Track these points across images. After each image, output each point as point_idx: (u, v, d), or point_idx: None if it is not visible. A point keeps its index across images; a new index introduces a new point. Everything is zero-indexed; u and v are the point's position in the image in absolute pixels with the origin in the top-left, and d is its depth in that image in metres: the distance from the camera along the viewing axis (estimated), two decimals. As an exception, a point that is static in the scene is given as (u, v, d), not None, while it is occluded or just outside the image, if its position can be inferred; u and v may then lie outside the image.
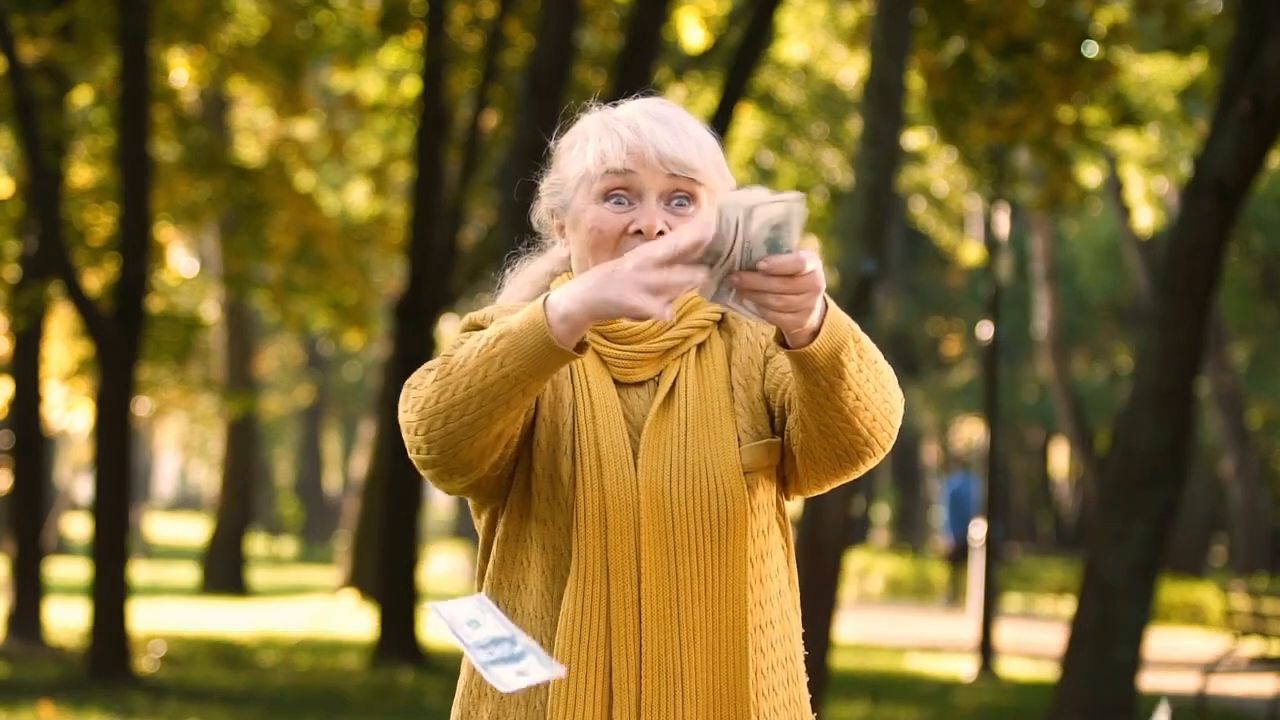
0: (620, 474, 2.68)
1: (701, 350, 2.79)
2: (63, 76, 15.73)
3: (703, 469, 2.69)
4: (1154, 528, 10.75)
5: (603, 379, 2.75)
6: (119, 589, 13.88)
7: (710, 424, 2.72)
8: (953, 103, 13.88)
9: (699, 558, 2.66)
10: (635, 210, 2.76)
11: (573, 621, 2.66)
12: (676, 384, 2.75)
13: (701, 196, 2.78)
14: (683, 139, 2.78)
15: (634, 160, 2.76)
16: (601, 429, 2.70)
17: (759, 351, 2.81)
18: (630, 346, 2.76)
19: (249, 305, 26.54)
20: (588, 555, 2.66)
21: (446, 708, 12.99)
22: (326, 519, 48.37)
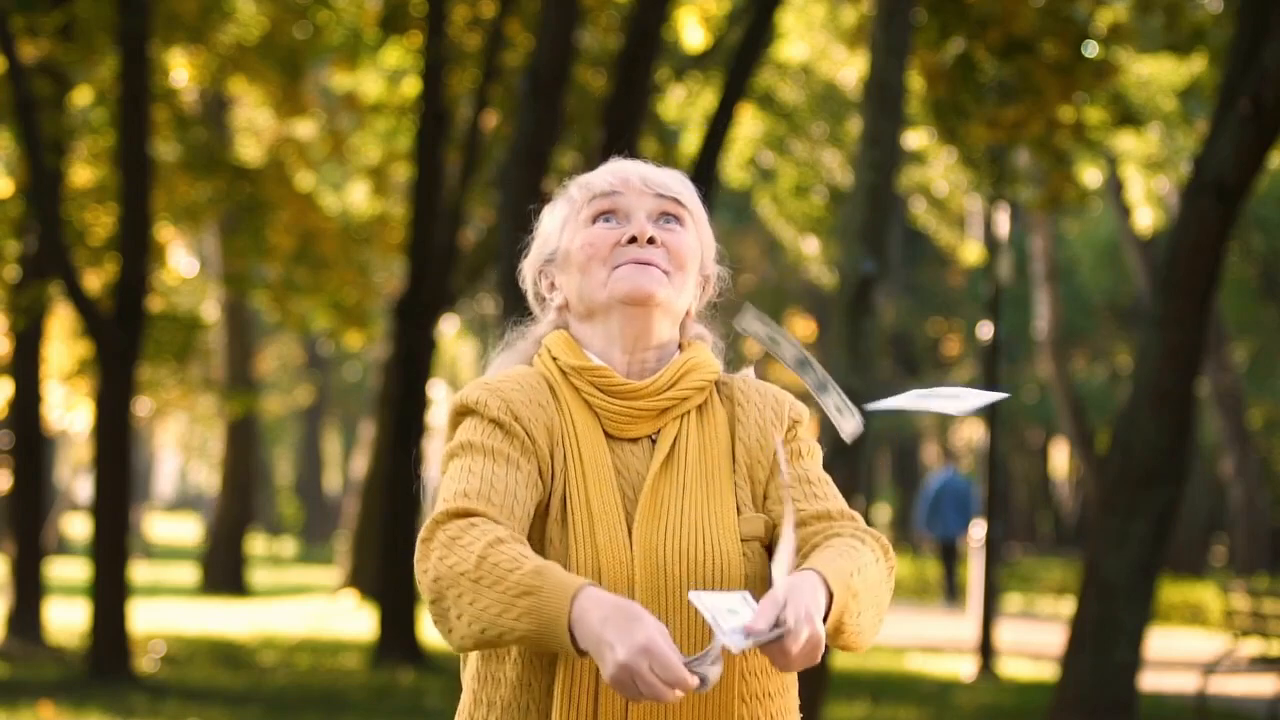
0: (613, 533, 2.66)
1: (703, 411, 2.79)
2: (63, 76, 15.74)
3: (700, 532, 2.68)
4: (1154, 528, 10.75)
5: (594, 434, 2.73)
6: (119, 589, 13.88)
7: (710, 488, 2.72)
8: (953, 103, 13.88)
9: (691, 622, 2.64)
10: (622, 227, 2.79)
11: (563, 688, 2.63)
12: (677, 444, 2.74)
13: (687, 222, 2.82)
14: (664, 171, 2.85)
15: (619, 182, 2.80)
16: (593, 488, 2.68)
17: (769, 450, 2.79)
18: (627, 402, 2.75)
19: (249, 305, 26.54)
20: None
21: (447, 708, 13.01)
22: (326, 519, 48.36)
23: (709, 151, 13.31)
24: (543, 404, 2.74)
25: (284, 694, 13.70)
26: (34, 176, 13.99)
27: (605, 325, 2.80)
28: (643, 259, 2.77)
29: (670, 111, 19.93)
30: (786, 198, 22.91)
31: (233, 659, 16.32)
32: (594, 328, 2.81)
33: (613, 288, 2.77)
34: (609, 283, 2.77)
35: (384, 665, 15.47)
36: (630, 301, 2.76)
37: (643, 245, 2.77)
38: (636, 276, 2.77)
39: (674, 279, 2.79)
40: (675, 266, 2.79)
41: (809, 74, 21.84)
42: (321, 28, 18.23)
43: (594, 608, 2.44)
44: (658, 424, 2.76)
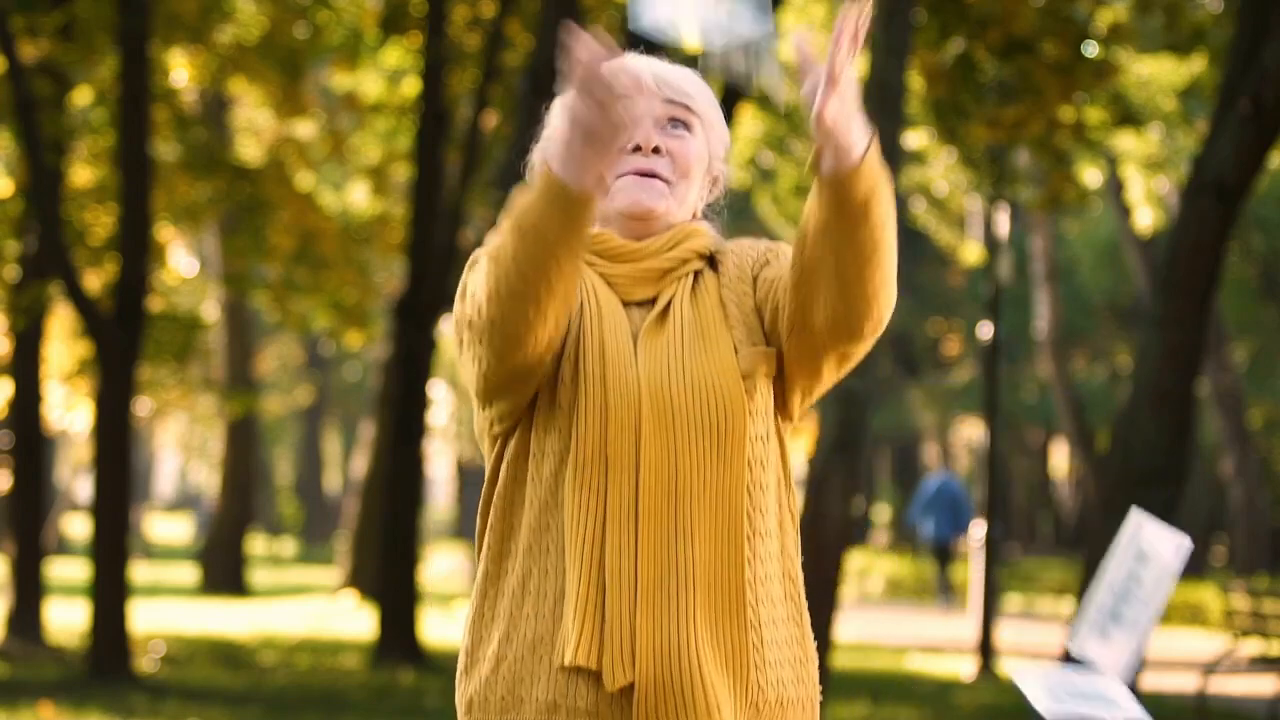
0: (622, 373, 2.70)
1: (696, 280, 2.82)
2: (63, 76, 15.74)
3: (700, 371, 2.72)
4: (1154, 527, 10.74)
5: (609, 296, 2.77)
6: (119, 589, 13.88)
7: (706, 335, 2.75)
8: (953, 103, 13.87)
9: (699, 456, 2.68)
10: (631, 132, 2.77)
11: (571, 515, 2.67)
12: (672, 303, 2.78)
13: (696, 127, 2.83)
14: (679, 70, 2.84)
15: (630, 80, 2.75)
16: (608, 332, 2.72)
17: (747, 269, 2.84)
18: (631, 264, 2.79)
19: (249, 305, 26.54)
20: (587, 448, 2.68)
21: (447, 708, 13.01)
22: (326, 519, 48.35)
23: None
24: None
25: (284, 694, 13.69)
26: (34, 176, 13.99)
27: (605, 229, 2.84)
28: (645, 169, 2.79)
29: (670, 111, 19.91)
30: (786, 198, 22.92)
31: (233, 659, 16.32)
32: (597, 225, 2.84)
33: (614, 197, 2.79)
34: (611, 192, 2.78)
35: (384, 665, 15.47)
36: (630, 215, 2.80)
37: (647, 154, 2.78)
38: (637, 190, 2.78)
39: (676, 189, 2.81)
40: (679, 175, 2.81)
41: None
42: (321, 28, 18.23)
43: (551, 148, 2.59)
44: (659, 287, 2.80)
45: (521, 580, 2.74)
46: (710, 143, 2.88)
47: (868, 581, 29.85)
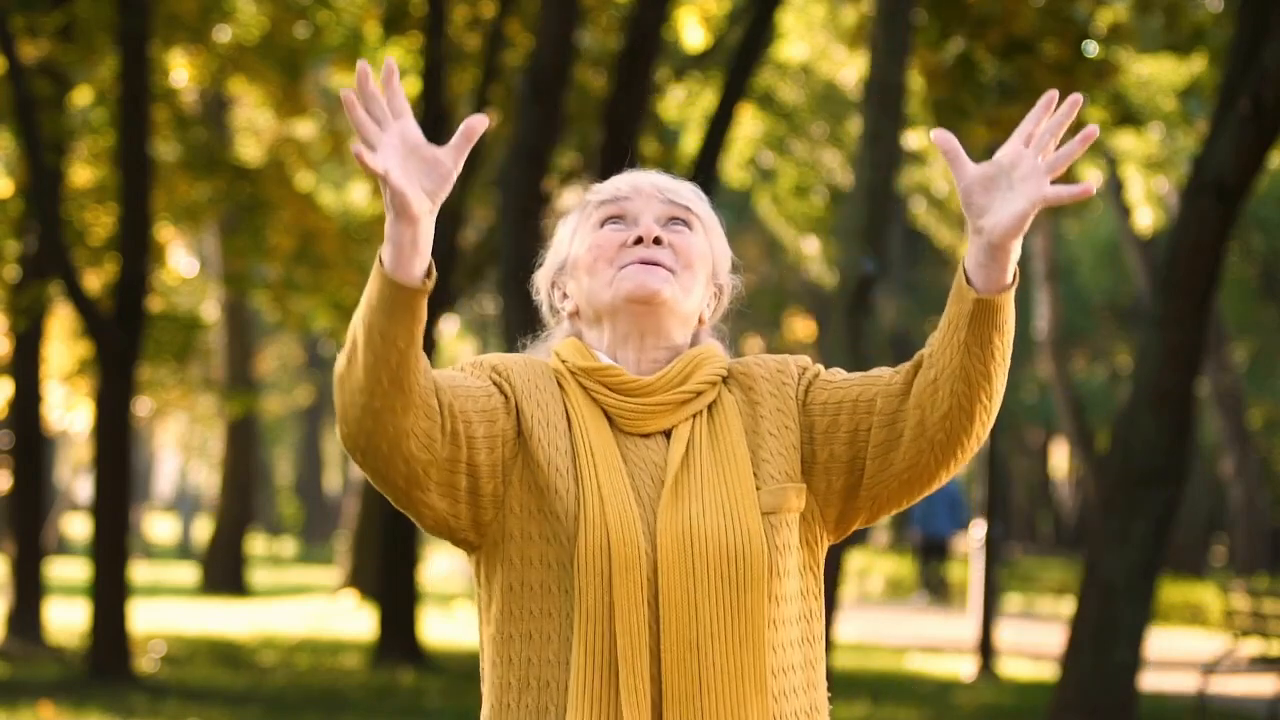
0: (624, 515, 2.66)
1: (713, 408, 2.79)
2: (63, 76, 15.74)
3: (721, 511, 2.68)
4: (1154, 528, 10.75)
5: (602, 426, 2.74)
6: (119, 589, 13.88)
7: (726, 473, 2.72)
8: (953, 103, 13.87)
9: (719, 599, 2.65)
10: (630, 229, 2.81)
11: (579, 661, 2.65)
12: (692, 437, 2.75)
13: (696, 227, 2.83)
14: (678, 181, 2.87)
15: (629, 188, 2.82)
16: (603, 474, 2.69)
17: (791, 398, 2.80)
18: (639, 399, 2.76)
19: (249, 305, 26.53)
20: (592, 593, 2.65)
21: (446, 708, 13.01)
22: (326, 519, 48.36)
23: (709, 151, 13.31)
24: (541, 384, 2.77)
25: (284, 694, 13.69)
26: (34, 176, 13.99)
27: (613, 326, 2.81)
28: (649, 258, 2.78)
29: (670, 111, 19.92)
30: (786, 198, 22.92)
31: (233, 659, 16.32)
32: (603, 331, 2.82)
33: (618, 286, 2.77)
34: (614, 281, 2.77)
35: (384, 665, 15.47)
36: (635, 300, 2.77)
37: (649, 245, 2.78)
38: (641, 275, 2.77)
39: (680, 278, 2.79)
40: (682, 265, 2.79)
41: (809, 74, 21.85)
42: (321, 28, 18.23)
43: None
44: (673, 420, 2.76)
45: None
46: (713, 246, 2.87)
47: (868, 581, 29.85)
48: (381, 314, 2.58)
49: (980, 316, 2.66)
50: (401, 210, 2.54)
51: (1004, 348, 2.69)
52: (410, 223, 2.54)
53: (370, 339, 2.61)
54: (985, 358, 2.68)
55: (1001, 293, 2.65)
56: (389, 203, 2.55)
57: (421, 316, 2.60)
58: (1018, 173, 2.68)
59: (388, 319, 2.58)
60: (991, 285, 2.65)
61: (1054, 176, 2.66)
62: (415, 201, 2.54)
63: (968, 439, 2.73)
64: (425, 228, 2.57)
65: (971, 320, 2.66)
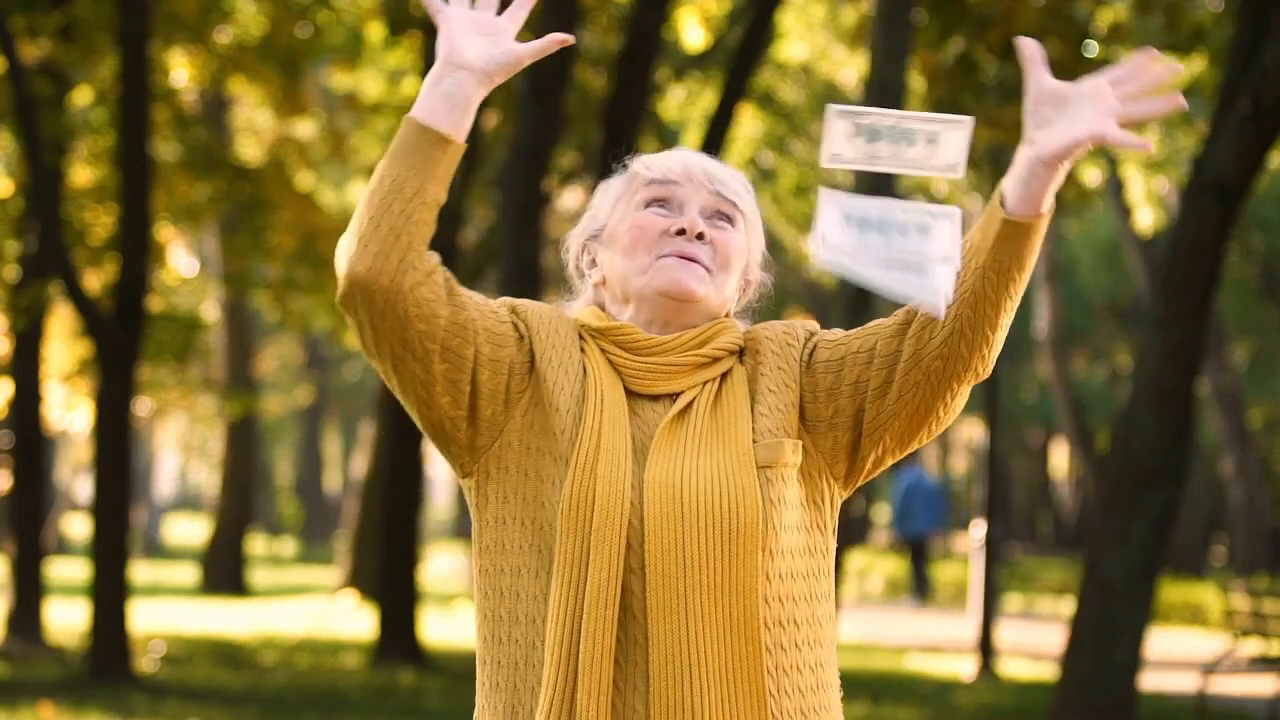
0: (614, 468, 2.66)
1: (724, 379, 2.78)
2: (63, 76, 15.73)
3: (712, 468, 2.68)
4: (1154, 528, 10.75)
5: (615, 386, 2.73)
6: (119, 589, 13.88)
7: (723, 433, 2.72)
8: (953, 103, 13.87)
9: (708, 553, 2.64)
10: (675, 215, 2.78)
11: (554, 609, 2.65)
12: (694, 404, 2.74)
13: (739, 223, 2.82)
14: (728, 169, 2.86)
15: (678, 172, 2.79)
16: (606, 425, 2.69)
17: (794, 360, 2.79)
18: (651, 359, 2.76)
19: (249, 305, 26.54)
20: (571, 539, 2.65)
21: (447, 708, 13.01)
22: (326, 519, 48.35)
23: (709, 151, 13.30)
24: (560, 330, 2.77)
25: (284, 694, 13.70)
26: (34, 176, 13.99)
27: (639, 309, 2.80)
28: (688, 253, 2.76)
29: (670, 111, 19.93)
30: (786, 198, 22.92)
31: (233, 659, 16.32)
32: (627, 309, 2.82)
33: (653, 276, 2.76)
34: (650, 270, 2.76)
35: (384, 665, 15.47)
36: (668, 295, 2.76)
37: (691, 239, 2.76)
38: (678, 271, 2.76)
39: (716, 278, 2.78)
40: (719, 265, 2.79)
41: (809, 74, 21.85)
42: (321, 28, 18.23)
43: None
44: (684, 383, 2.75)
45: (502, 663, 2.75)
46: (750, 243, 2.87)
47: (868, 581, 29.85)
48: (396, 158, 2.60)
49: (1005, 240, 2.64)
50: (450, 53, 2.54)
51: (1019, 283, 2.68)
52: (453, 69, 2.54)
53: (380, 183, 2.63)
54: (999, 286, 2.66)
55: (1033, 219, 2.63)
56: (439, 46, 2.55)
57: (435, 172, 2.60)
58: (1091, 104, 2.63)
59: (400, 163, 2.60)
60: (1025, 207, 2.64)
61: (1124, 122, 2.61)
62: (465, 50, 2.56)
63: (965, 371, 2.71)
64: (465, 87, 2.57)
65: (995, 243, 2.64)
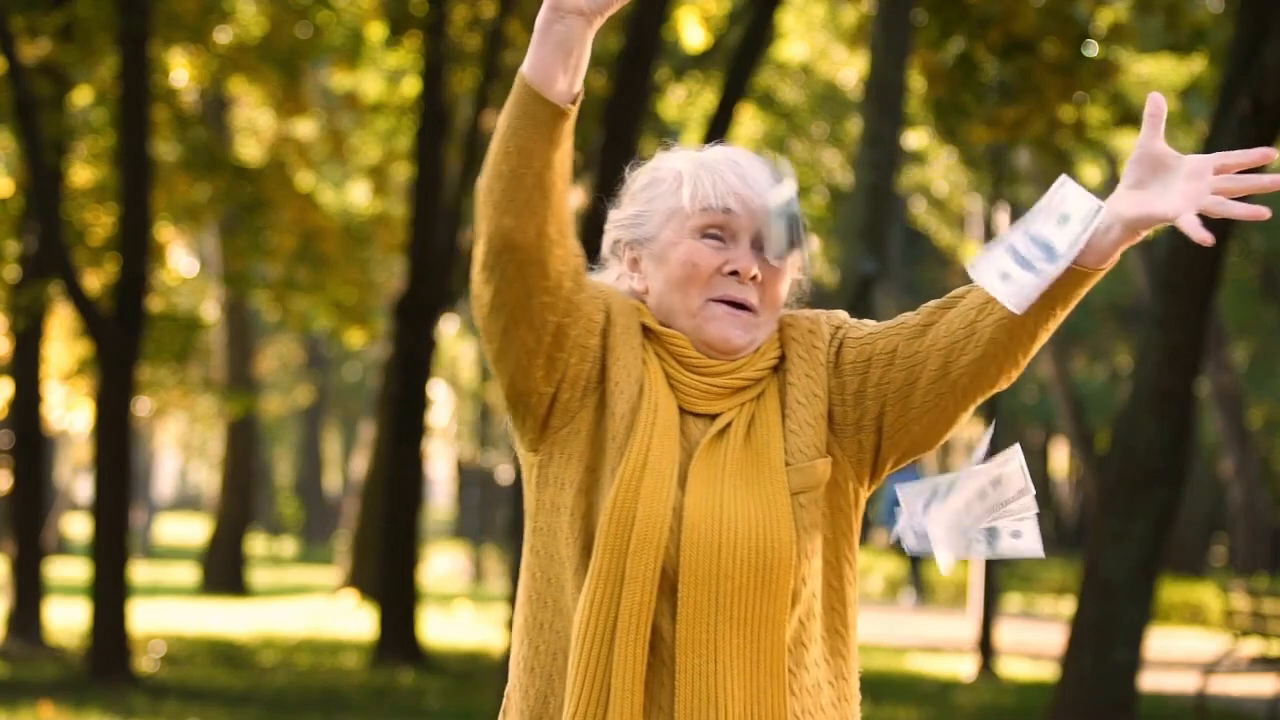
0: (659, 485, 2.65)
1: (760, 399, 2.76)
2: (63, 76, 15.73)
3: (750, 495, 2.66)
4: (1154, 528, 10.75)
5: (669, 400, 2.71)
6: (119, 589, 13.88)
7: (758, 459, 2.70)
8: (953, 103, 13.88)
9: (743, 584, 2.64)
10: (729, 250, 2.73)
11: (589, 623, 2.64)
12: (732, 424, 2.72)
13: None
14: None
15: (737, 202, 2.73)
16: (657, 439, 2.67)
17: (820, 364, 2.77)
18: (703, 378, 2.73)
19: (249, 305, 26.54)
20: (609, 556, 2.64)
21: (446, 708, 13.01)
22: (326, 519, 48.36)
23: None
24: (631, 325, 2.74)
25: (284, 694, 13.70)
26: (34, 176, 13.99)
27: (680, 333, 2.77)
28: (738, 299, 2.73)
29: (670, 111, 19.93)
30: (786, 198, 22.88)
31: (233, 659, 16.32)
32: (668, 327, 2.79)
33: (701, 325, 2.73)
34: (699, 315, 2.73)
35: (384, 665, 15.47)
36: (712, 348, 2.74)
37: (744, 282, 2.73)
38: (727, 326, 2.73)
39: (763, 320, 2.75)
40: (768, 306, 2.75)
41: (809, 74, 21.85)
42: (321, 28, 18.23)
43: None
44: (723, 405, 2.73)
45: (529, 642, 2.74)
46: (798, 259, 2.85)
47: (867, 581, 29.86)
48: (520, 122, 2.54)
49: (1061, 283, 2.65)
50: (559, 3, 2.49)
51: (1057, 322, 2.71)
52: (561, 17, 2.50)
53: (507, 151, 2.56)
54: (1040, 321, 2.69)
55: (1095, 271, 2.64)
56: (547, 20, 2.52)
57: (562, 137, 2.55)
58: (1186, 183, 2.64)
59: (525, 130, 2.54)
60: (1093, 258, 2.64)
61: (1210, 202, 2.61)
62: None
63: (990, 387, 2.74)
64: (581, 41, 2.52)
65: (1058, 286, 2.65)
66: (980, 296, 2.70)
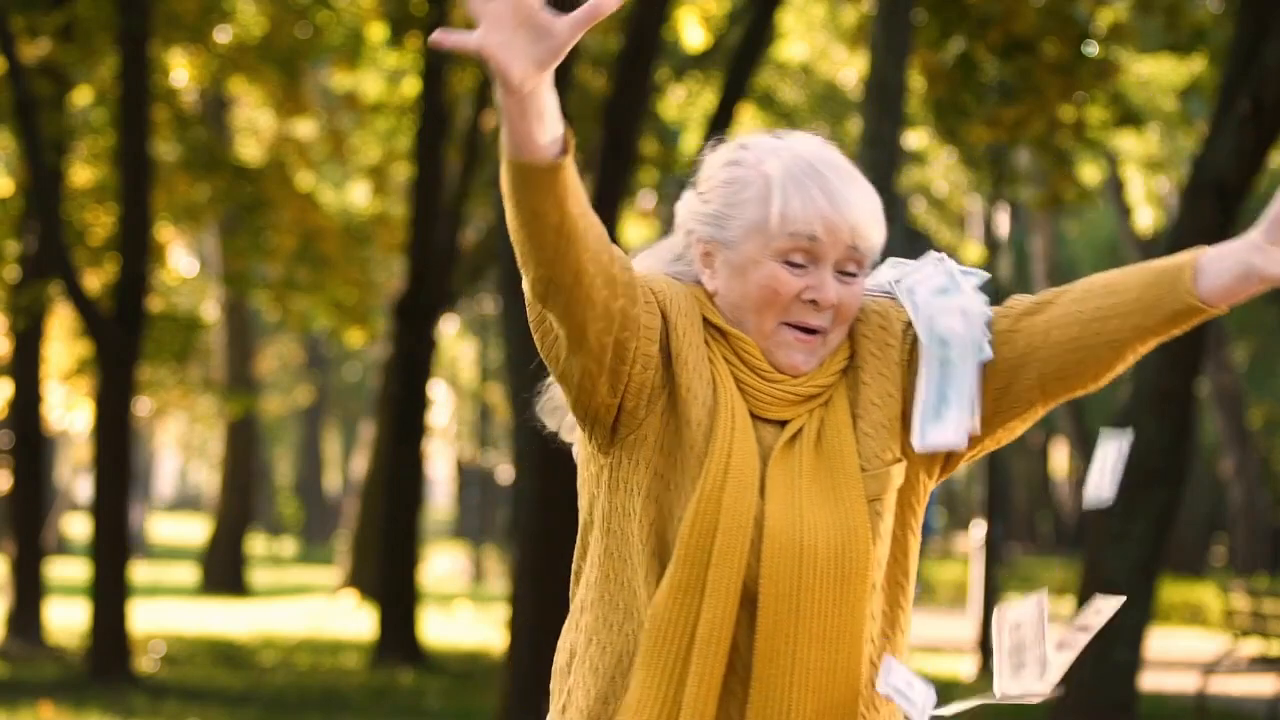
0: (741, 494, 2.62)
1: (829, 403, 2.71)
2: (63, 76, 15.74)
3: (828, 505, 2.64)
4: (1154, 528, 10.75)
5: (742, 405, 2.67)
6: (119, 589, 13.88)
7: (832, 465, 2.67)
8: (953, 102, 13.87)
9: (822, 598, 2.62)
10: (810, 275, 2.67)
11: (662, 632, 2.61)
12: (804, 430, 2.68)
13: (866, 264, 2.72)
14: (870, 206, 2.73)
15: (825, 229, 2.67)
16: (736, 447, 2.63)
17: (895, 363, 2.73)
18: (774, 385, 2.68)
19: (249, 305, 26.54)
20: (688, 568, 2.61)
21: (446, 708, 13.02)
22: (326, 519, 48.36)
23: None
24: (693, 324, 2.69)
25: (284, 694, 13.70)
26: (34, 176, 14.00)
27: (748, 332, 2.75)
28: (812, 325, 2.68)
29: (670, 111, 19.92)
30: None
31: (233, 659, 16.32)
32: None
33: (771, 348, 2.69)
34: (771, 338, 2.68)
35: (383, 665, 15.47)
36: (779, 369, 2.70)
37: (821, 311, 2.68)
38: (796, 354, 2.68)
39: (833, 336, 2.71)
40: (840, 322, 2.71)
41: (809, 74, 21.85)
42: (321, 28, 18.23)
43: None
44: (794, 411, 2.70)
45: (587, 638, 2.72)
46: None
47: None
48: (522, 193, 2.50)
49: (1177, 316, 2.65)
50: (503, 81, 2.44)
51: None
52: (513, 94, 2.45)
53: (521, 215, 2.52)
54: (1145, 346, 2.69)
55: (1215, 310, 2.64)
56: (495, 76, 2.46)
57: (565, 188, 2.49)
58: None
59: (529, 198, 2.50)
60: (1218, 298, 2.64)
61: None
62: (515, 70, 2.43)
63: (1071, 395, 2.73)
64: (536, 99, 2.45)
65: (1166, 315, 2.66)
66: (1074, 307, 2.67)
